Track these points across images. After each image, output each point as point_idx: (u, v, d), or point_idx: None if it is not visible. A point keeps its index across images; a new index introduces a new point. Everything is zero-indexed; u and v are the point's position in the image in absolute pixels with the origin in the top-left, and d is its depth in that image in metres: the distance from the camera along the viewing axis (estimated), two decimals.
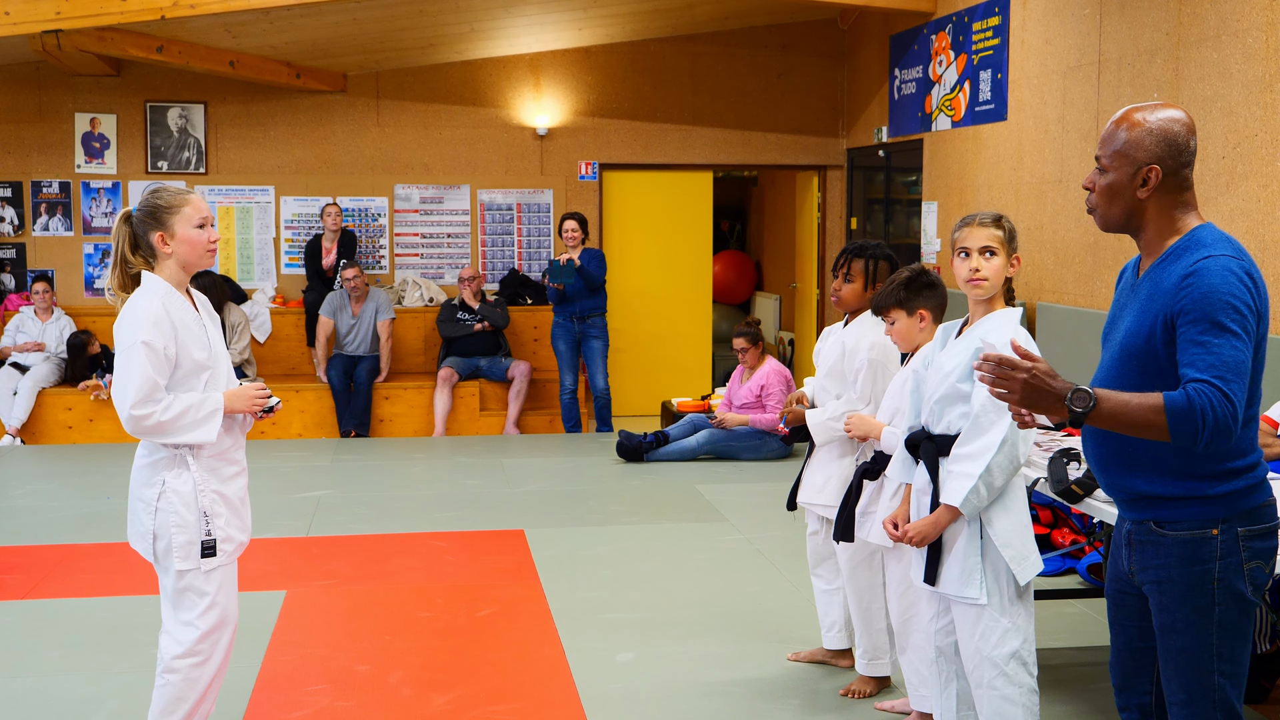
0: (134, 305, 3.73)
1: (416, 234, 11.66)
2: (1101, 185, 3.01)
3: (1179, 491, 2.93)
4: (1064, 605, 5.83)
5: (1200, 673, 2.93)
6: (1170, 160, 2.94)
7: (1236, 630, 2.93)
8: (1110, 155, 2.99)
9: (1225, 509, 2.92)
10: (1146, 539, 2.99)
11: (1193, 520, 2.92)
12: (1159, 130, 2.95)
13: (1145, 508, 2.99)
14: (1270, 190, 6.09)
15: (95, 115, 11.18)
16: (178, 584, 3.79)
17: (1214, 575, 2.91)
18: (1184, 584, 2.92)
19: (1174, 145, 2.95)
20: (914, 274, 4.23)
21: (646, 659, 5.20)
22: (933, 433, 3.78)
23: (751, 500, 7.98)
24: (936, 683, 3.92)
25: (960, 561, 3.69)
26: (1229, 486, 2.91)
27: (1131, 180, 2.96)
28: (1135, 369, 2.95)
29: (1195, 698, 2.94)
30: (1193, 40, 6.62)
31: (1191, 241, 2.92)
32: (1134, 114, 2.99)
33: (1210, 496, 2.91)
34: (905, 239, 10.63)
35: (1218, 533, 2.91)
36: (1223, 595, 2.91)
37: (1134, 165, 2.95)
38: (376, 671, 5.04)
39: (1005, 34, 8.61)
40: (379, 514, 7.73)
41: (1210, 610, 2.91)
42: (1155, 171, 2.94)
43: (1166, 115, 2.98)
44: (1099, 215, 3.05)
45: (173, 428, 3.70)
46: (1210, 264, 2.84)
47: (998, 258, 3.71)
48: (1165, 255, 2.95)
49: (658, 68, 11.70)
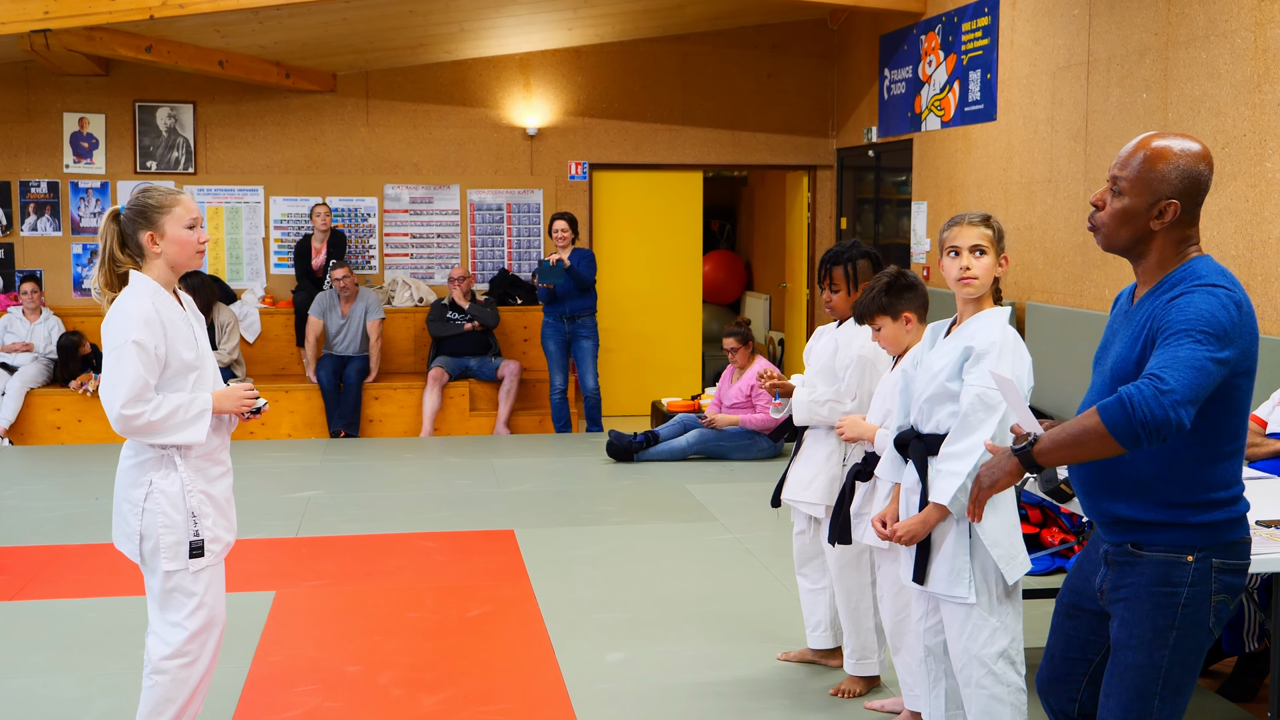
0: (124, 304, 3.72)
1: (406, 234, 11.64)
2: (1115, 208, 2.98)
3: (1161, 518, 2.94)
4: (1053, 604, 5.83)
5: (1143, 694, 2.93)
6: (1189, 198, 2.93)
7: (1188, 661, 2.93)
8: (1131, 180, 2.95)
9: (1203, 538, 2.92)
10: (1124, 559, 3.00)
11: (1169, 545, 2.93)
12: (1186, 168, 2.93)
13: (1126, 531, 3.00)
14: (1258, 190, 6.10)
15: (84, 115, 11.15)
16: (165, 585, 3.78)
17: (1180, 600, 2.91)
18: (1149, 602, 2.93)
19: (1196, 184, 2.94)
20: (893, 277, 4.24)
21: (636, 659, 5.20)
22: (922, 432, 3.79)
23: (741, 500, 7.98)
24: (925, 681, 3.93)
25: (949, 560, 3.69)
26: (1210, 516, 2.92)
27: (1148, 210, 2.94)
28: None
29: (1130, 717, 2.94)
30: (1181, 40, 6.63)
31: (1187, 272, 2.92)
32: (1161, 143, 2.95)
33: (1191, 525, 2.92)
34: (895, 239, 10.64)
35: (1192, 559, 2.92)
36: (1184, 620, 2.92)
37: (1154, 196, 2.93)
38: (366, 672, 5.04)
39: (994, 34, 8.63)
40: (368, 514, 7.72)
41: (1168, 632, 2.92)
42: (1174, 207, 2.92)
43: (1194, 152, 2.95)
44: (1103, 236, 3.02)
45: (162, 428, 3.69)
46: (1200, 290, 2.84)
47: (987, 256, 3.72)
48: (1161, 284, 2.95)
49: (648, 68, 11.70)
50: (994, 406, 3.58)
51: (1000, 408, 3.58)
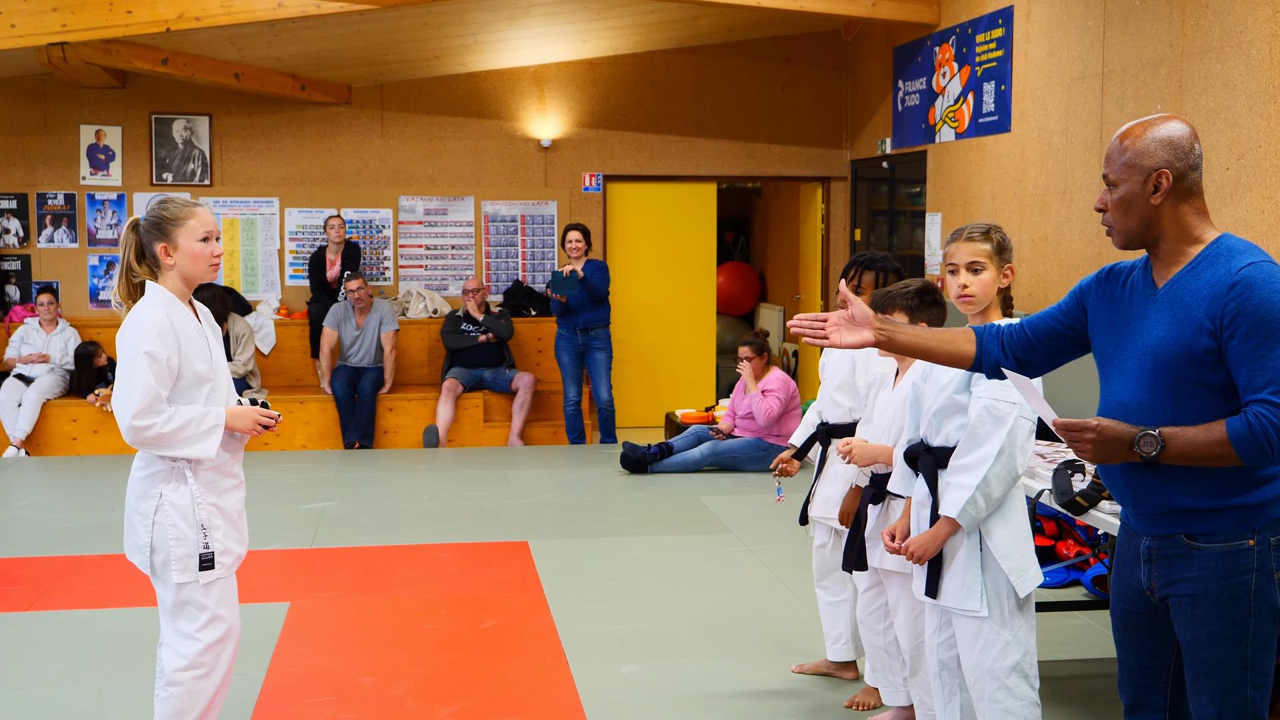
0: (138, 315, 3.73)
1: (421, 245, 11.66)
2: (1114, 200, 2.98)
3: (1215, 503, 2.88)
4: (1069, 617, 5.81)
5: (1233, 686, 2.90)
6: (1179, 163, 2.92)
7: (1267, 641, 2.91)
8: (1118, 169, 2.97)
9: (1260, 518, 2.88)
10: (1175, 553, 2.93)
11: (1229, 531, 2.88)
12: (1163, 136, 2.94)
13: (1175, 522, 2.94)
14: (1275, 202, 6.08)
15: (100, 127, 11.19)
16: (177, 597, 3.78)
17: (1250, 587, 2.87)
18: (1220, 597, 2.88)
19: (1179, 148, 2.92)
20: (926, 286, 4.22)
21: (650, 671, 5.19)
22: (931, 445, 3.77)
23: (755, 512, 7.97)
24: (940, 696, 3.90)
25: (960, 574, 3.67)
26: (1263, 495, 2.88)
27: (1143, 188, 2.93)
28: (1172, 379, 2.90)
29: (1227, 711, 2.91)
30: (1196, 52, 6.62)
31: (1221, 249, 2.89)
32: (1134, 126, 2.99)
33: (1246, 506, 2.87)
34: (909, 250, 10.62)
35: (1254, 543, 2.87)
36: (1259, 607, 2.88)
37: (1143, 173, 2.93)
38: (380, 683, 5.03)
39: (1009, 46, 8.61)
40: (383, 525, 7.72)
41: (1246, 623, 2.88)
42: (1166, 175, 2.91)
43: (1168, 120, 2.97)
44: (1116, 232, 3.01)
45: (173, 440, 3.69)
46: (1255, 272, 2.80)
47: (986, 272, 3.71)
48: (1194, 263, 2.91)
49: (661, 79, 11.71)
50: (1002, 418, 3.57)
51: (1009, 419, 3.57)
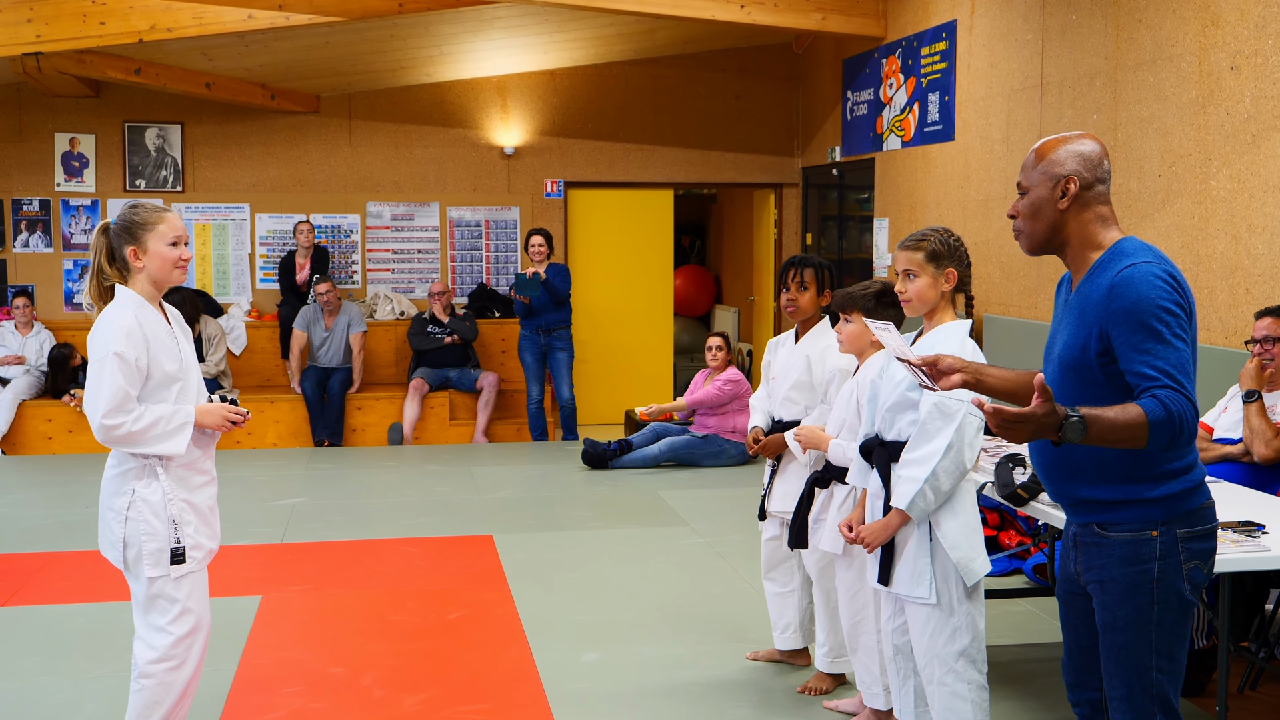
0: (107, 317, 3.70)
1: (388, 250, 11.61)
2: (1024, 205, 3.04)
3: (1119, 496, 2.93)
4: (1011, 604, 5.85)
5: (1140, 670, 2.94)
6: (1086, 173, 2.98)
7: (1175, 629, 2.94)
8: (1030, 176, 3.03)
9: (1164, 511, 2.92)
10: (1090, 540, 2.99)
11: (1133, 522, 2.92)
12: (1074, 149, 3.00)
13: (1088, 511, 3.00)
14: (1203, 207, 6.15)
15: (74, 135, 11.08)
16: (148, 591, 3.75)
17: (1154, 575, 2.91)
18: (1124, 583, 2.93)
19: (1088, 160, 2.99)
20: (886, 288, 4.23)
21: (611, 659, 5.18)
22: (885, 439, 3.79)
23: (712, 505, 7.97)
24: (895, 679, 3.93)
25: (911, 563, 3.70)
26: (1167, 489, 2.91)
27: (1051, 193, 2.99)
28: (1073, 380, 2.97)
29: (1135, 693, 2.95)
30: (1130, 64, 6.68)
31: (1115, 253, 2.94)
32: (1049, 140, 3.05)
33: (1149, 500, 2.91)
34: (858, 254, 10.67)
35: (1157, 534, 2.91)
36: (1162, 594, 2.91)
37: (1052, 180, 2.99)
38: (350, 674, 5.00)
39: (953, 58, 8.67)
40: (351, 521, 7.68)
41: (1150, 609, 2.91)
42: (1073, 182, 2.97)
43: (1080, 135, 3.04)
44: (1024, 237, 3.06)
45: (143, 438, 3.66)
46: (1133, 272, 2.85)
47: (920, 278, 3.71)
48: (1093, 269, 2.97)
49: (620, 90, 11.71)
50: (951, 415, 3.59)
51: (958, 415, 3.59)
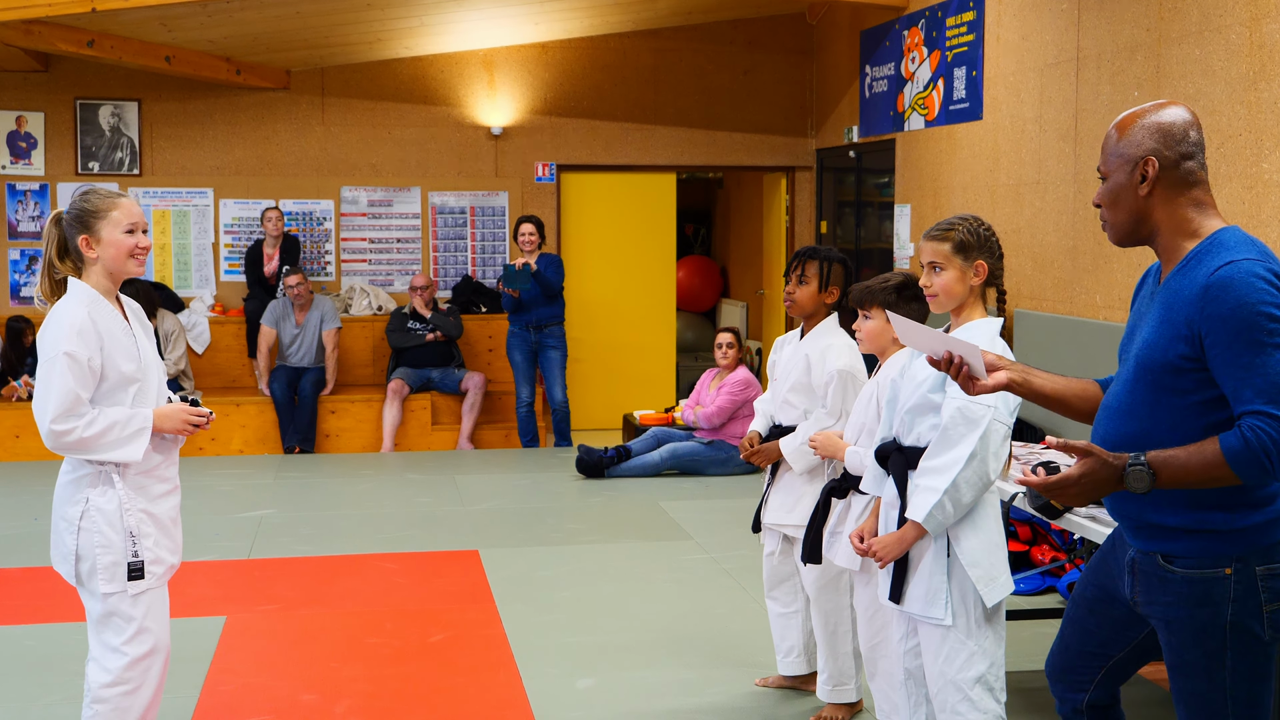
0: (58, 314, 3.70)
1: (364, 239, 11.61)
2: (1104, 192, 2.96)
3: (1189, 524, 2.81)
4: (1044, 625, 5.85)
5: (1214, 716, 2.84)
6: (1167, 151, 2.87)
7: (1254, 674, 2.81)
8: (1108, 160, 2.95)
9: (1241, 545, 2.79)
10: (1152, 571, 2.89)
11: (1203, 556, 2.80)
12: (1152, 123, 2.90)
13: (1152, 537, 2.89)
14: (1255, 192, 6.14)
15: (21, 113, 11.08)
16: (103, 608, 3.74)
17: (1226, 619, 2.79)
18: (1192, 626, 2.82)
19: (1169, 135, 2.88)
20: (907, 281, 4.24)
21: (607, 685, 5.19)
22: (903, 444, 3.78)
23: (717, 518, 7.98)
24: (906, 706, 3.92)
25: (925, 580, 3.68)
26: (1246, 521, 2.79)
27: (1130, 178, 2.90)
28: (1148, 386, 2.86)
29: None
30: (1174, 36, 6.68)
31: (1213, 245, 2.82)
32: (1127, 115, 2.96)
33: (1224, 531, 2.79)
34: (877, 243, 10.68)
35: (1231, 571, 2.78)
36: (1235, 639, 2.79)
37: (1130, 162, 2.90)
38: (322, 701, 5.01)
39: (980, 30, 8.67)
40: (325, 534, 7.69)
41: (1221, 654, 2.80)
42: (1152, 164, 2.87)
43: (1163, 106, 2.94)
44: (1109, 227, 2.99)
45: (96, 445, 3.66)
46: (1232, 271, 2.73)
47: (946, 271, 3.70)
48: (1185, 261, 2.85)
49: (618, 64, 11.71)
50: (975, 421, 3.56)
51: (983, 421, 3.56)
